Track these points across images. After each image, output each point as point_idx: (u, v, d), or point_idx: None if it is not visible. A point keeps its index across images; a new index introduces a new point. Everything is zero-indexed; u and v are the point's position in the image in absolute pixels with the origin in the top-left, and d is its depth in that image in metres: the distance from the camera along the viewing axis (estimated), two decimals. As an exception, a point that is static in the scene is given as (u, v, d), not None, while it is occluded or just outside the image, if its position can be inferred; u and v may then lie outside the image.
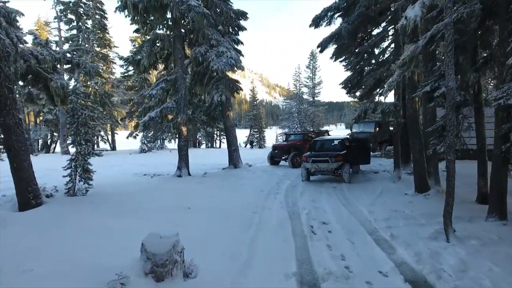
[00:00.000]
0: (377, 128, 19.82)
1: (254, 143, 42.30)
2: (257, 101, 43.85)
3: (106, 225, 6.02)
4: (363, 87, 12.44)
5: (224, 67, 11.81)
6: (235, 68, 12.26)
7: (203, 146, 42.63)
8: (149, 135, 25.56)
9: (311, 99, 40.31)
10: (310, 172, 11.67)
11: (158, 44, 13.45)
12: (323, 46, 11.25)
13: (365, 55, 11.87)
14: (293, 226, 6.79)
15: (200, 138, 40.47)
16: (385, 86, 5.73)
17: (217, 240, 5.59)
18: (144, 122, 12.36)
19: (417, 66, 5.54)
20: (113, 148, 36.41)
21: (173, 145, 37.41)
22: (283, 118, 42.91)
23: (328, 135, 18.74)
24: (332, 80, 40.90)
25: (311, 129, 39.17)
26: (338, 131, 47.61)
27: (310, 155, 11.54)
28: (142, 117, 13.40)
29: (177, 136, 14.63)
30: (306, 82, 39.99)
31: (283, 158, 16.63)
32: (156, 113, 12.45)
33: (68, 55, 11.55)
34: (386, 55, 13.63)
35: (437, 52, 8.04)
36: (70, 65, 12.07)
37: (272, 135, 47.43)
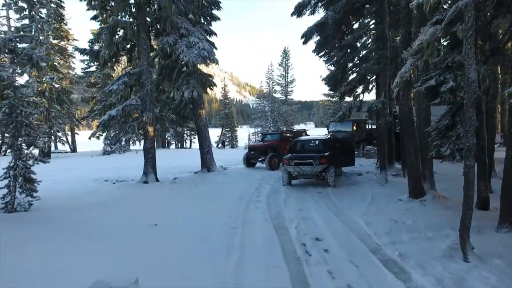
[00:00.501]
0: (354, 127, 19.29)
1: (226, 143, 41.01)
2: (229, 99, 42.55)
3: (44, 257, 4.62)
4: (345, 83, 11.63)
5: (196, 59, 10.51)
6: (208, 61, 10.98)
7: (173, 146, 40.69)
8: (111, 135, 23.50)
9: (284, 97, 39.62)
10: (292, 176, 10.68)
11: (119, 33, 11.88)
12: (307, 36, 10.28)
13: (348, 49, 11.05)
14: (282, 245, 5.70)
15: (169, 138, 38.53)
16: (397, 78, 4.79)
17: (192, 273, 4.38)
18: (103, 121, 10.79)
19: (432, 55, 4.64)
20: (74, 149, 33.69)
21: (138, 146, 35.26)
22: (256, 117, 41.89)
23: (306, 134, 17.91)
24: (302, 80, 40.73)
25: (285, 128, 38.53)
26: (314, 131, 47.37)
27: (291, 157, 10.54)
28: (102, 116, 11.78)
29: (142, 137, 13.10)
30: (279, 80, 39.27)
31: (259, 159, 15.56)
32: (118, 111, 10.92)
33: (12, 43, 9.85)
34: (364, 52, 12.98)
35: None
36: (12, 55, 10.38)
37: (244, 135, 46.32)
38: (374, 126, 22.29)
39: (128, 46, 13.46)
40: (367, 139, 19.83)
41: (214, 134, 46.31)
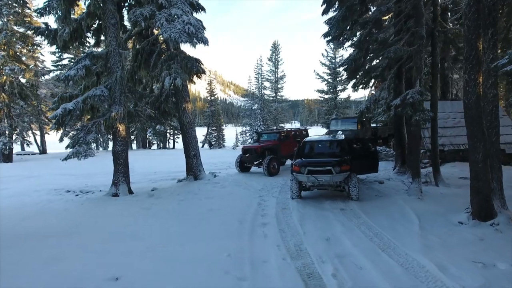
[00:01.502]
0: (359, 126, 17.23)
1: (213, 143, 38.47)
2: (215, 95, 40.00)
3: None
4: (364, 70, 9.46)
5: (180, 36, 8.07)
6: (195, 40, 8.55)
7: (154, 146, 37.79)
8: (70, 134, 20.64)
9: (274, 94, 37.39)
10: (303, 187, 8.42)
11: (80, 4, 9.29)
12: (329, 2, 8.02)
13: (373, 27, 8.86)
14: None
15: (150, 138, 35.65)
16: None
17: None
18: (56, 116, 8.20)
19: None
20: (43, 151, 30.45)
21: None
22: (244, 115, 39.51)
23: (307, 134, 15.67)
24: (286, 79, 38.52)
25: (275, 127, 36.32)
26: (316, 130, 45.31)
27: (303, 163, 8.26)
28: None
29: (111, 137, 10.53)
30: (269, 76, 36.99)
31: (255, 163, 13.23)
32: (77, 104, 8.37)
33: None
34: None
35: None
36: None
37: (231, 134, 43.91)
38: (379, 124, 20.38)
39: (95, 25, 10.87)
40: (373, 138, 17.81)
41: (200, 133, 43.64)
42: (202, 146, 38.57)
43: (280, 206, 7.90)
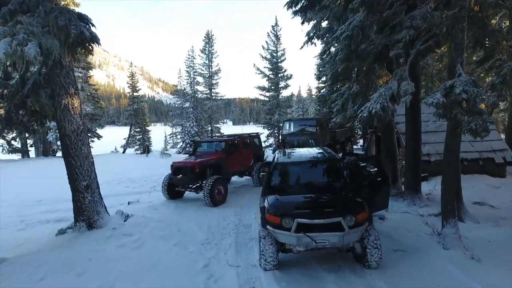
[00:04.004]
0: (318, 128, 14.25)
1: (136, 146, 32.65)
2: (139, 90, 34.05)
3: None
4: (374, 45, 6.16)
5: None
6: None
7: (60, 153, 30.54)
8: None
9: (208, 90, 33.08)
10: (285, 249, 4.75)
11: None
12: None
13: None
14: None
15: (52, 144, 28.54)
16: None
17: None
18: None
19: None
20: None
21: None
22: (174, 114, 34.44)
23: (259, 139, 12.03)
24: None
25: (210, 128, 32.18)
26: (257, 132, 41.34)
27: (286, 208, 4.60)
28: None
29: None
30: (202, 70, 32.53)
31: (191, 187, 9.15)
32: None
33: None
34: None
35: None
36: None
37: (159, 136, 38.39)
38: (335, 127, 17.72)
39: None
40: (332, 144, 14.99)
41: (122, 134, 37.15)
42: (123, 152, 32.56)
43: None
